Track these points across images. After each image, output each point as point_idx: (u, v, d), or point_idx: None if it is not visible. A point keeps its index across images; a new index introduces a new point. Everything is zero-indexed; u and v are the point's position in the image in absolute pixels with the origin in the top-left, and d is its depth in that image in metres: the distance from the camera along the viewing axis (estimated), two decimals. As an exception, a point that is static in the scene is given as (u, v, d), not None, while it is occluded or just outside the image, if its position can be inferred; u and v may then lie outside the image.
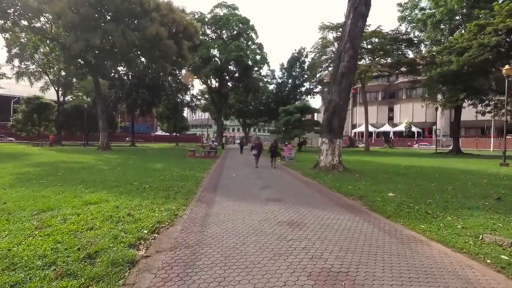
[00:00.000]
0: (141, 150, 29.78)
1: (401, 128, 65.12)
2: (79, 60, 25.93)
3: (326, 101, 13.16)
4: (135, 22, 24.88)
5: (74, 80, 43.92)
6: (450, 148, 36.81)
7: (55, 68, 36.82)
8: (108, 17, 24.72)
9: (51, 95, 43.23)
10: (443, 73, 26.73)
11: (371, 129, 68.48)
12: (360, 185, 9.33)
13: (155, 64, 28.17)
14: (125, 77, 44.33)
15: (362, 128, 68.96)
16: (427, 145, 56.98)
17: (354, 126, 75.21)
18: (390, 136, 59.57)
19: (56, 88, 41.34)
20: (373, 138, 66.87)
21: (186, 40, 28.69)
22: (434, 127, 62.49)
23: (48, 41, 26.89)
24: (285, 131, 37.35)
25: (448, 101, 27.77)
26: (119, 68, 40.35)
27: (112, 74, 42.03)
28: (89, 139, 45.09)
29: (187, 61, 30.04)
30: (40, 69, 38.29)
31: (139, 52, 29.35)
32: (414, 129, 62.40)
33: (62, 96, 42.80)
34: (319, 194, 7.88)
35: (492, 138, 47.91)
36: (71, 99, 46.31)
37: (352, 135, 71.08)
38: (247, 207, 6.09)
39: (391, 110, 73.08)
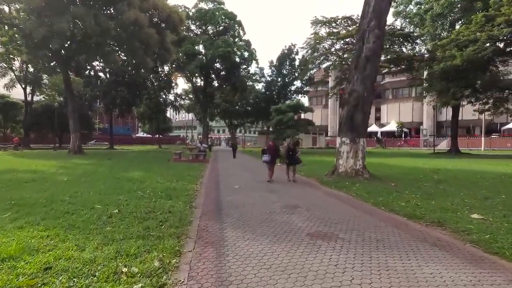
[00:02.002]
0: (119, 154, 26.51)
1: (389, 128, 64.27)
2: (46, 52, 22.49)
3: (346, 92, 10.72)
4: (110, 7, 21.72)
5: (45, 77, 40.02)
6: (437, 147, 35.56)
7: (18, 62, 32.73)
8: (78, 0, 21.46)
9: (20, 94, 38.95)
10: (446, 69, 25.14)
11: (359, 129, 67.51)
12: (412, 199, 6.93)
13: (135, 57, 25.04)
14: (103, 74, 40.69)
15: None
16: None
17: (342, 127, 73.99)
18: (382, 136, 58.44)
19: (23, 86, 37.18)
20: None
21: (170, 30, 25.76)
22: (421, 126, 62.16)
23: (6, 27, 23.18)
24: (277, 131, 34.99)
25: (452, 98, 26.17)
26: (96, 64, 36.87)
27: (88, 70, 38.46)
28: (63, 142, 41.14)
29: (170, 54, 27.03)
30: (5, 64, 34.12)
31: (116, 44, 26.16)
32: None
33: (30, 95, 38.63)
34: (376, 219, 5.38)
35: (483, 138, 47.34)
36: (43, 99, 42.22)
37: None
38: (289, 257, 3.47)
39: (378, 110, 72.29)
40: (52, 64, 25.24)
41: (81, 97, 38.22)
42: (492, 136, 52.39)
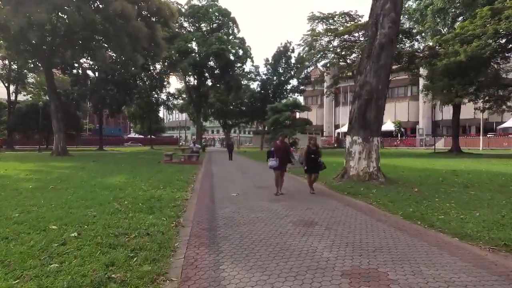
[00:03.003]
0: (107, 155, 24.94)
1: (386, 127, 63.44)
2: (26, 45, 20.87)
3: (357, 85, 9.47)
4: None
5: (31, 75, 38.13)
6: (434, 146, 34.70)
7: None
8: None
9: (3, 93, 37.03)
10: (449, 65, 24.16)
11: (355, 129, 66.58)
12: (449, 210, 5.68)
13: (123, 53, 23.50)
14: (91, 72, 38.93)
15: (345, 129, 66.91)
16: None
17: (337, 126, 73.15)
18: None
19: (6, 84, 35.27)
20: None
21: (161, 24, 24.30)
22: (417, 126, 61.50)
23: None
24: (274, 131, 33.73)
25: (455, 96, 25.19)
26: (83, 61, 35.09)
27: (76, 68, 36.71)
28: (50, 143, 39.20)
29: (161, 50, 25.53)
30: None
31: (103, 39, 24.58)
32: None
33: (14, 94, 36.70)
34: (421, 241, 4.09)
35: (481, 137, 46.72)
36: (30, 98, 40.27)
37: (335, 136, 68.86)
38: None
39: (372, 109, 71.54)
40: (33, 60, 23.57)
41: (68, 96, 36.43)
42: (488, 135, 51.97)
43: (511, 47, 24.91)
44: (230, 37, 46.38)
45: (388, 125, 62.15)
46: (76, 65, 35.84)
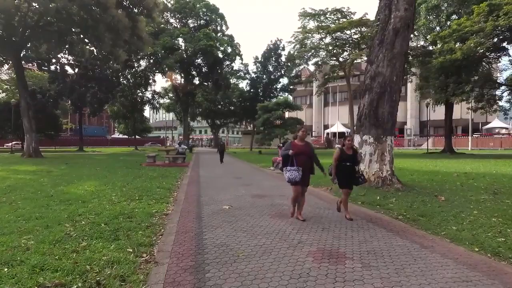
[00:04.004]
0: (84, 157, 22.99)
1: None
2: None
3: (367, 77, 8.22)
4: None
5: (4, 70, 35.59)
6: (421, 147, 34.20)
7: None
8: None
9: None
10: (445, 63, 23.47)
11: (343, 129, 66.11)
12: (500, 226, 4.47)
13: (103, 46, 21.64)
14: (70, 68, 36.58)
15: (334, 129, 66.33)
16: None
17: (326, 127, 72.54)
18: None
19: (-25, 80, 32.69)
20: (347, 138, 64.40)
21: (144, 16, 22.58)
22: (405, 126, 61.52)
23: None
24: (264, 131, 32.42)
25: (451, 95, 24.52)
26: (61, 56, 32.77)
27: (54, 64, 34.34)
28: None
29: (144, 44, 23.77)
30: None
31: (80, 32, 22.64)
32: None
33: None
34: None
35: (470, 137, 46.92)
36: (5, 96, 37.57)
37: (325, 136, 68.20)
38: None
39: (362, 109, 71.29)
40: None
41: (45, 94, 34.04)
42: (474, 135, 52.37)
43: (502, 46, 24.51)
44: (219, 34, 44.83)
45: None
46: (53, 60, 33.54)
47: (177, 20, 46.48)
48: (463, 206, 5.88)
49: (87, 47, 27.08)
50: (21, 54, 23.28)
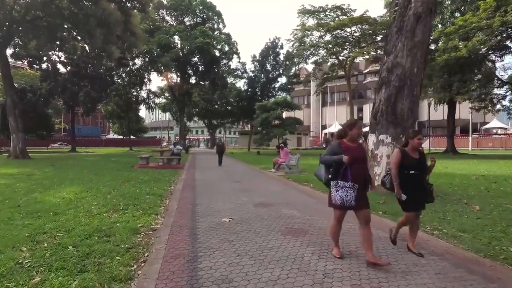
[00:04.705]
0: (75, 158, 21.90)
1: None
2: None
3: (383, 69, 7.33)
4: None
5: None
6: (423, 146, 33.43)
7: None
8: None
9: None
10: (449, 61, 22.72)
11: (341, 129, 65.42)
12: None
13: (93, 41, 20.58)
14: (62, 66, 35.39)
15: (332, 129, 65.60)
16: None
17: (324, 127, 71.83)
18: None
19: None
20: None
21: (137, 10, 21.57)
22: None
23: None
24: (262, 131, 31.49)
25: (456, 93, 23.78)
26: (52, 53, 31.59)
27: (45, 61, 33.15)
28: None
29: (138, 40, 22.74)
30: None
31: (71, 27, 21.57)
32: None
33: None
34: None
35: (470, 137, 46.39)
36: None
37: (323, 136, 67.50)
38: None
39: (360, 110, 70.92)
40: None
41: (35, 92, 32.84)
42: (473, 135, 51.97)
43: (506, 45, 23.83)
44: (216, 33, 43.82)
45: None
46: (45, 58, 32.36)
47: (173, 18, 45.41)
48: (505, 218, 5.00)
49: (79, 44, 26.03)
50: (8, 51, 22.17)
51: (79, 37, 23.39)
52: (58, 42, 24.05)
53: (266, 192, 7.82)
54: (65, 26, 21.45)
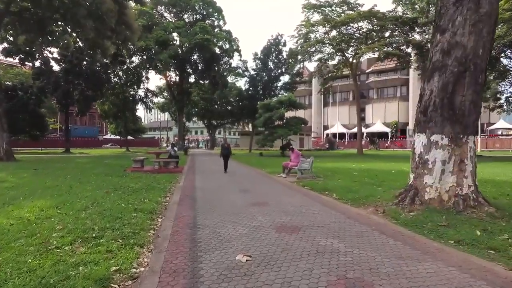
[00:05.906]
0: (65, 161, 20.26)
1: (375, 128, 60.99)
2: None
3: (436, 50, 5.74)
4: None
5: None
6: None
7: None
8: None
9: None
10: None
11: (343, 130, 64.01)
12: None
13: (84, 33, 19.01)
14: (55, 63, 33.76)
15: (334, 129, 64.09)
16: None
17: (326, 127, 70.33)
18: (375, 137, 54.73)
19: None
20: (346, 139, 62.87)
21: (133, 1, 20.01)
22: (407, 127, 59.48)
23: None
24: (265, 132, 29.92)
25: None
26: (45, 49, 29.99)
27: (36, 58, 31.53)
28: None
29: (133, 33, 21.15)
30: None
31: (61, 18, 20.00)
32: (387, 129, 58.57)
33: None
34: None
35: (479, 138, 44.95)
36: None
37: (325, 136, 66.01)
38: None
39: (362, 110, 69.54)
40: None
41: (26, 91, 31.21)
42: (481, 136, 50.69)
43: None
44: (216, 30, 42.28)
45: (377, 126, 59.79)
46: (37, 55, 30.74)
47: (172, 15, 43.92)
48: None
49: (71, 38, 24.47)
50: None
51: (69, 28, 21.81)
52: (49, 38, 22.52)
53: (284, 207, 6.23)
54: (55, 17, 19.94)
